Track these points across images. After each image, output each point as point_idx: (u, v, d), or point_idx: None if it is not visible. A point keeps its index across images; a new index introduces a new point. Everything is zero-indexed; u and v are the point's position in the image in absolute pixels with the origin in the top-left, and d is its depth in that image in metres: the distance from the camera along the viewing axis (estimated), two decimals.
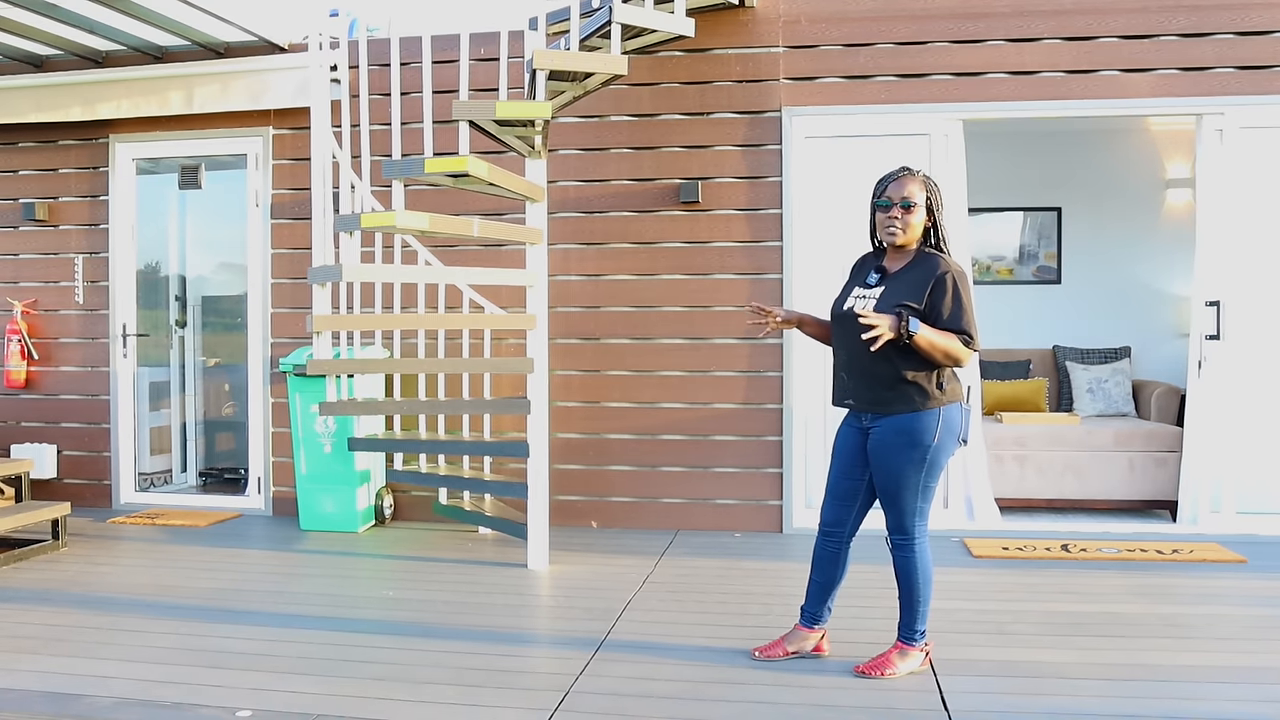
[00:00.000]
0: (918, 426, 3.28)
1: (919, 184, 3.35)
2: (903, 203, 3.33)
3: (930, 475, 3.32)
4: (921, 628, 3.46)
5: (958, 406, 3.33)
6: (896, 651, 3.46)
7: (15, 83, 6.26)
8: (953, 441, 3.32)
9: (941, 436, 3.28)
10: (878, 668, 3.44)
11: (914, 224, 3.34)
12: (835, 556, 3.56)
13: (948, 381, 3.32)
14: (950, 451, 3.34)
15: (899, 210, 3.34)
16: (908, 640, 3.46)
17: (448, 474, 5.41)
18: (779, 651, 3.60)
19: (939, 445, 3.28)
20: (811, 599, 3.61)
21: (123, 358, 6.45)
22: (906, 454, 3.29)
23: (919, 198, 3.33)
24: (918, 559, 3.39)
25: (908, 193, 3.33)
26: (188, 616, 4.16)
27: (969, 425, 3.40)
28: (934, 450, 3.29)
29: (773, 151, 5.71)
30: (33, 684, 3.39)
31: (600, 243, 5.83)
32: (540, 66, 4.25)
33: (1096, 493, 6.09)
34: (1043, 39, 5.55)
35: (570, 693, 3.29)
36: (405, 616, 4.17)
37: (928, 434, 3.27)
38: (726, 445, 5.76)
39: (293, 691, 3.32)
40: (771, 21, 5.69)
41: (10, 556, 5.07)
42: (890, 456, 3.32)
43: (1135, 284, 7.50)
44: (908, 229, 3.34)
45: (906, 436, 3.29)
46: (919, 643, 3.46)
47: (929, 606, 3.45)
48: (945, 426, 3.29)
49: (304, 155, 6.16)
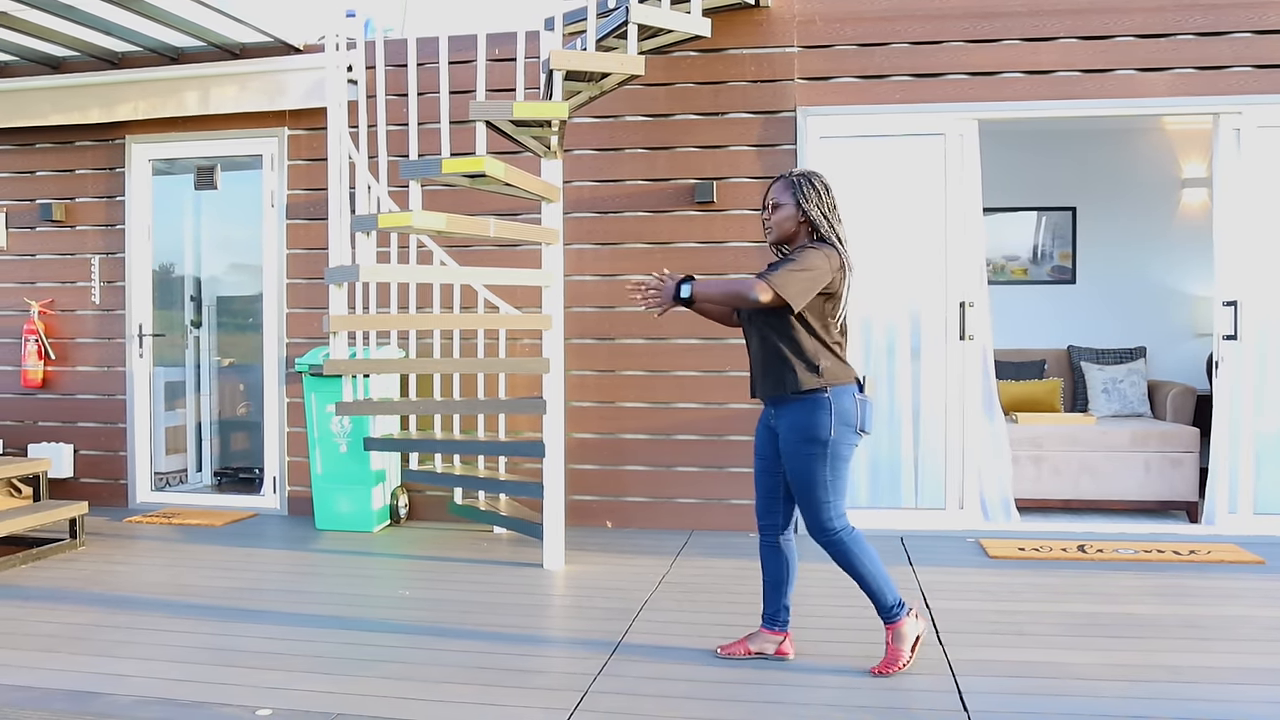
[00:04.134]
0: (812, 422, 3.38)
1: (785, 185, 3.49)
2: (769, 204, 3.52)
3: (835, 469, 3.40)
4: (893, 601, 3.50)
5: (850, 396, 3.40)
6: (891, 636, 3.51)
7: (33, 84, 6.30)
8: (850, 433, 3.40)
9: (837, 430, 3.37)
10: (889, 664, 3.47)
11: (780, 221, 3.49)
12: (775, 553, 3.65)
13: (824, 361, 3.38)
14: (850, 443, 3.42)
15: (768, 213, 3.53)
16: (891, 620, 3.51)
17: (463, 474, 5.42)
18: (741, 650, 3.65)
19: (836, 439, 3.38)
20: (766, 599, 3.69)
21: (139, 358, 6.49)
22: (807, 451, 3.39)
23: (784, 198, 3.48)
24: (851, 545, 3.45)
25: (772, 193, 3.51)
26: (206, 615, 4.18)
27: (868, 416, 3.45)
28: (832, 444, 3.38)
29: (788, 151, 5.71)
30: (53, 682, 3.41)
31: (615, 243, 5.84)
32: (557, 67, 4.26)
33: (1113, 493, 6.07)
34: (1058, 38, 5.53)
35: (589, 693, 3.30)
36: (422, 616, 4.18)
37: (823, 429, 3.37)
38: (741, 445, 5.76)
39: (311, 690, 3.33)
40: (786, 21, 5.69)
41: (29, 555, 5.10)
42: (794, 457, 3.42)
43: (1150, 284, 7.47)
44: (776, 228, 3.50)
45: (804, 433, 3.39)
46: (902, 614, 3.51)
47: (886, 581, 3.49)
48: (839, 419, 3.38)
49: (319, 156, 6.18)
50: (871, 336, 5.79)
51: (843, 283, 3.39)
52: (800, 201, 3.46)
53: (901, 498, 5.77)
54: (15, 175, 6.64)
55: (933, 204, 5.68)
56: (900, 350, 5.77)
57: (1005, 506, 5.79)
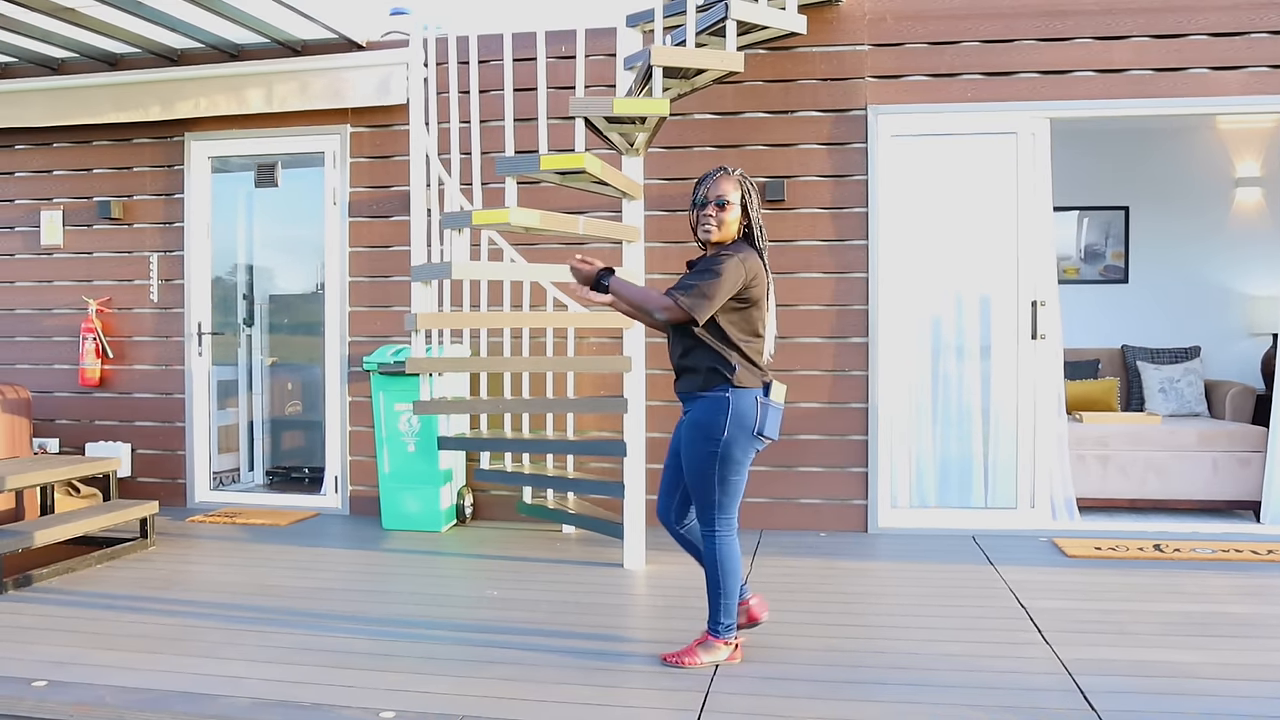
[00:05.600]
0: (708, 420, 3.38)
1: (733, 183, 3.44)
2: (717, 201, 3.41)
3: (725, 468, 3.40)
4: (726, 621, 3.51)
5: (751, 400, 3.38)
6: (701, 643, 3.53)
7: (93, 81, 6.26)
8: (745, 436, 3.38)
9: (731, 430, 3.36)
10: (680, 657, 3.51)
11: (728, 221, 3.42)
12: (685, 543, 3.73)
13: (734, 363, 3.37)
14: (745, 446, 3.40)
15: (713, 208, 3.42)
16: (713, 633, 3.52)
17: (536, 473, 5.38)
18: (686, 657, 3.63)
19: (729, 439, 3.36)
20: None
21: (198, 356, 6.45)
22: (701, 446, 3.40)
23: (733, 196, 3.42)
24: (718, 550, 3.46)
25: (721, 190, 3.42)
26: (299, 616, 4.15)
27: (769, 420, 3.42)
28: (725, 444, 3.37)
29: (858, 150, 5.69)
30: (164, 684, 3.37)
31: (684, 241, 5.79)
32: (658, 63, 4.23)
33: (1179, 493, 6.06)
34: (1131, 37, 5.52)
35: (710, 693, 3.27)
36: (517, 616, 4.15)
37: (717, 428, 3.37)
38: (811, 444, 5.74)
39: (432, 692, 3.29)
40: (857, 19, 5.67)
41: (103, 555, 5.07)
42: (688, 450, 3.45)
43: (1204, 283, 7.46)
44: (722, 225, 3.42)
45: (700, 430, 3.40)
46: (724, 636, 3.51)
47: (733, 600, 3.51)
48: (735, 420, 3.36)
49: (381, 153, 6.15)
50: (940, 334, 5.78)
51: (765, 289, 3.41)
52: (745, 202, 3.45)
53: (971, 497, 5.75)
54: (72, 173, 6.60)
55: (1004, 203, 5.66)
56: (970, 349, 5.75)
57: (1069, 506, 5.79)
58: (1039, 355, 5.65)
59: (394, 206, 6.15)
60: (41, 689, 3.34)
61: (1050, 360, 5.67)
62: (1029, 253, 5.64)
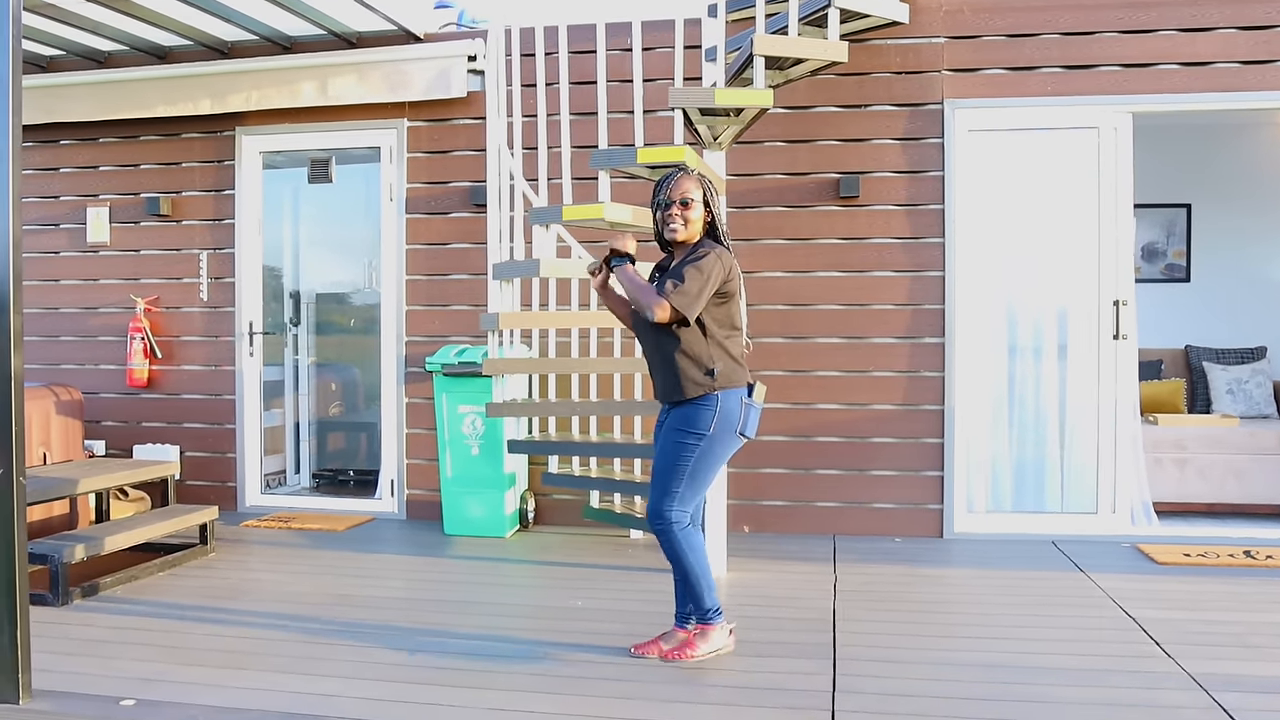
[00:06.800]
0: (695, 415, 3.43)
1: (695, 182, 3.48)
2: (681, 200, 3.45)
3: (701, 463, 3.44)
4: (713, 605, 3.55)
5: (737, 399, 3.45)
6: (697, 634, 3.57)
7: (141, 75, 6.10)
8: (729, 434, 3.45)
9: (718, 427, 3.42)
10: (679, 652, 3.54)
11: (693, 219, 3.47)
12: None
13: (718, 364, 3.43)
14: (728, 444, 3.47)
15: (678, 208, 3.45)
16: (705, 621, 3.56)
17: (604, 476, 5.22)
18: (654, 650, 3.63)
19: (714, 435, 3.42)
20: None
21: (249, 356, 6.29)
22: (681, 436, 3.44)
23: (695, 194, 3.46)
24: (679, 538, 3.47)
25: (684, 189, 3.46)
26: (378, 628, 3.99)
27: (751, 420, 3.49)
28: (709, 439, 3.42)
29: (934, 145, 5.53)
30: (256, 702, 3.21)
31: (754, 238, 5.65)
32: (760, 52, 4.07)
33: (1259, 497, 5.91)
34: (1217, 28, 5.36)
35: (836, 713, 3.12)
36: (610, 629, 3.98)
37: (703, 423, 3.42)
38: (885, 448, 5.59)
39: (538, 712, 3.14)
40: (933, 11, 5.51)
41: (165, 563, 4.91)
42: (666, 437, 3.48)
43: (1269, 282, 7.30)
44: (688, 224, 3.46)
45: (684, 421, 3.45)
46: (716, 621, 3.56)
47: (710, 580, 3.53)
48: (722, 417, 3.42)
49: (440, 148, 5.99)
50: (1016, 334, 5.62)
51: (739, 284, 3.47)
52: (709, 201, 3.48)
53: (1047, 501, 5.60)
54: (119, 168, 6.44)
55: (1084, 200, 5.50)
56: (1047, 350, 5.60)
57: (1146, 510, 5.64)
58: (1119, 356, 5.49)
59: (452, 203, 5.99)
60: (131, 708, 3.19)
61: (1130, 361, 5.51)
62: (1110, 251, 5.48)
